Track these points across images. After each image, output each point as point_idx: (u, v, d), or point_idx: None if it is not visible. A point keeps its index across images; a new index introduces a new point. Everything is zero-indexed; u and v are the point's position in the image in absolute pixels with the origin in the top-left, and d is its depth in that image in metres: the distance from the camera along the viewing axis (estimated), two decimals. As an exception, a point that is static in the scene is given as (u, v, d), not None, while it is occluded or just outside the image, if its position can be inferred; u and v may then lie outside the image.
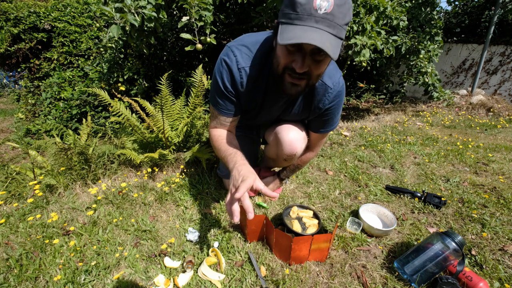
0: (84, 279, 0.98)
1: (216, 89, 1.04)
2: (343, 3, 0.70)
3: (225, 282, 0.98)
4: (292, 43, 0.71)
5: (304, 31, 0.71)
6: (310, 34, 0.70)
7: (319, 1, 0.68)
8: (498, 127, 3.17)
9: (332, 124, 1.16)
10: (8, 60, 4.71)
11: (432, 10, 3.59)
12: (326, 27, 0.71)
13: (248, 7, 2.79)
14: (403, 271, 1.00)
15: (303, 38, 0.70)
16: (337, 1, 0.69)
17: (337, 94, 1.04)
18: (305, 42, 0.69)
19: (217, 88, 1.03)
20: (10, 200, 1.55)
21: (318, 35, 0.70)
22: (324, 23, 0.71)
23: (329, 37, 0.71)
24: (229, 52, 0.96)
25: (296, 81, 0.85)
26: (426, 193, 1.48)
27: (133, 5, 1.66)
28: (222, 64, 0.97)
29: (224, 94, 1.03)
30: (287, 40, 0.71)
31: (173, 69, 3.35)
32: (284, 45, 0.78)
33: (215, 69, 1.01)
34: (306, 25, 0.71)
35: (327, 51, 0.70)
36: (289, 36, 0.71)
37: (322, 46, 0.69)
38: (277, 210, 1.39)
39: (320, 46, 0.69)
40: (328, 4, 0.69)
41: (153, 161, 1.73)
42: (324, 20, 0.70)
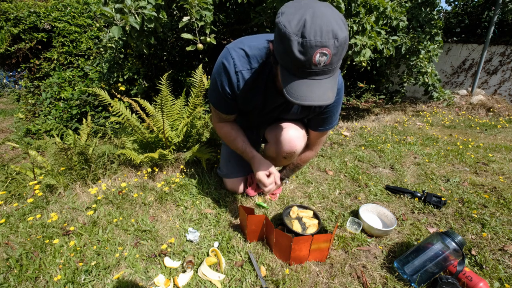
0: (84, 279, 0.98)
1: (214, 90, 1.07)
2: (339, 49, 0.72)
3: (225, 282, 0.98)
4: (300, 104, 0.77)
5: (307, 88, 0.76)
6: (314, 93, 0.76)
7: (318, 58, 0.71)
8: (498, 127, 3.17)
9: (331, 122, 1.17)
10: (8, 60, 4.71)
11: (432, 10, 3.59)
12: (325, 75, 0.76)
13: (248, 7, 2.79)
14: (403, 271, 1.00)
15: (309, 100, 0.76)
16: (334, 51, 0.71)
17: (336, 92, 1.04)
18: (311, 104, 0.77)
19: (215, 90, 1.06)
20: (10, 200, 1.55)
21: (321, 90, 0.76)
22: (324, 73, 0.75)
23: (329, 83, 0.77)
24: (227, 55, 0.98)
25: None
26: (426, 193, 1.48)
27: (133, 5, 1.66)
28: (220, 66, 1.00)
29: (222, 95, 1.06)
30: (295, 99, 0.77)
31: (173, 69, 3.35)
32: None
33: (214, 71, 1.04)
34: (308, 78, 0.76)
35: (329, 102, 0.77)
36: (296, 95, 0.76)
37: (324, 103, 0.77)
38: (277, 210, 1.39)
39: (323, 104, 0.77)
40: (326, 58, 0.72)
41: (153, 161, 1.73)
42: (323, 71, 0.75)
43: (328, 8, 0.72)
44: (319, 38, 0.68)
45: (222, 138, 1.30)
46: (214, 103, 1.13)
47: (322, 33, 0.68)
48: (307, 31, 0.68)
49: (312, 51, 0.69)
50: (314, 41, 0.68)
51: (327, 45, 0.69)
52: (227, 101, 1.08)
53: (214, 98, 1.11)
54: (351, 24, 2.38)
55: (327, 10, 0.71)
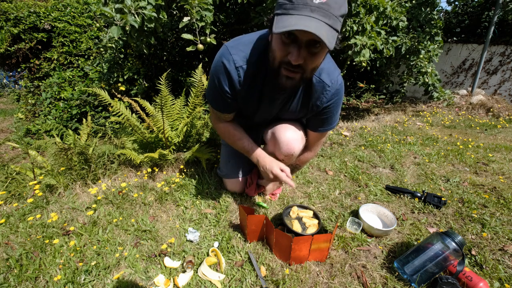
0: (84, 279, 0.98)
1: (212, 88, 1.06)
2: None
3: (225, 282, 0.98)
4: (286, 30, 0.70)
5: (299, 19, 0.70)
6: (305, 22, 0.69)
7: None
8: (498, 127, 3.17)
9: (331, 123, 1.16)
10: (8, 60, 4.70)
11: (432, 10, 3.59)
12: (322, 17, 0.70)
13: (248, 7, 2.79)
14: (403, 271, 1.00)
15: (298, 25, 0.69)
16: None
17: (335, 92, 1.04)
18: (299, 29, 0.69)
19: (213, 88, 1.05)
20: (10, 200, 1.55)
21: (314, 24, 0.69)
22: (320, 12, 0.70)
23: (325, 26, 0.71)
24: (226, 53, 0.96)
25: (291, 74, 0.85)
26: (426, 193, 1.48)
27: (133, 5, 1.66)
28: (219, 65, 0.98)
29: (220, 93, 1.04)
30: (282, 28, 0.70)
31: (173, 69, 3.35)
32: (279, 37, 0.78)
33: (212, 70, 1.02)
34: (301, 14, 0.70)
35: (323, 38, 0.69)
36: (284, 25, 0.70)
37: (318, 34, 0.68)
38: (277, 210, 1.39)
39: (316, 34, 0.68)
40: None
41: (153, 161, 1.73)
42: (319, 10, 0.70)
43: None
44: None
45: (225, 139, 1.29)
46: (211, 102, 1.11)
47: None
48: None
49: None
50: None
51: None
52: (225, 99, 1.06)
53: (211, 97, 1.10)
54: (351, 24, 2.38)
55: None
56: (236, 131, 1.22)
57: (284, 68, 0.84)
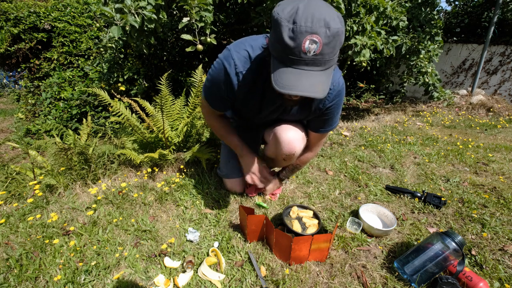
0: (84, 279, 0.98)
1: (211, 88, 1.07)
2: (331, 39, 0.70)
3: (225, 282, 0.98)
4: (285, 93, 0.75)
5: (295, 77, 0.74)
6: (301, 83, 0.73)
7: (307, 44, 0.70)
8: (498, 127, 3.17)
9: (332, 124, 1.16)
10: (8, 60, 4.70)
11: (432, 10, 3.59)
12: (316, 67, 0.74)
13: (248, 7, 2.79)
14: (403, 271, 1.00)
15: (295, 89, 0.74)
16: (325, 40, 0.69)
17: (337, 93, 1.05)
18: (296, 94, 0.74)
19: (212, 88, 1.06)
20: (10, 200, 1.55)
21: (309, 82, 0.74)
22: (314, 64, 0.73)
23: (320, 76, 0.75)
24: (228, 56, 0.97)
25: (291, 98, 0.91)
26: (426, 193, 1.48)
27: (133, 5, 1.66)
28: (221, 67, 0.99)
29: (218, 95, 1.06)
30: (280, 88, 0.75)
31: (173, 69, 3.35)
32: None
33: (213, 71, 1.02)
34: (297, 68, 0.74)
35: (318, 96, 0.74)
36: (282, 84, 0.75)
37: (312, 95, 0.74)
38: (277, 210, 1.39)
39: (311, 96, 0.74)
40: (316, 46, 0.70)
41: (153, 161, 1.73)
42: (314, 61, 0.73)
43: (324, 3, 0.73)
44: (309, 24, 0.68)
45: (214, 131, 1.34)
46: (208, 99, 1.12)
47: (313, 20, 0.68)
48: (299, 17, 0.68)
49: (301, 37, 0.69)
50: (305, 26, 0.68)
51: (317, 32, 0.68)
52: (221, 100, 1.08)
53: (209, 95, 1.11)
54: (351, 24, 2.38)
55: (322, 4, 0.72)
56: (227, 126, 1.27)
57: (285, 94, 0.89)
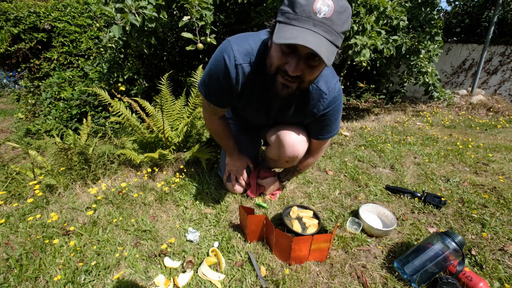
0: (84, 279, 0.98)
1: (209, 81, 1.03)
2: (343, 10, 0.69)
3: (225, 282, 0.98)
4: (287, 43, 0.69)
5: (300, 32, 0.69)
6: (306, 36, 0.69)
7: (320, 4, 0.67)
8: (498, 127, 3.17)
9: (331, 131, 1.14)
10: (8, 60, 4.71)
11: (432, 10, 3.59)
12: (324, 32, 0.70)
13: (248, 7, 2.79)
14: (403, 271, 1.00)
15: (299, 39, 0.68)
16: (337, 7, 0.68)
17: (332, 99, 1.02)
18: (300, 44, 0.68)
19: (210, 81, 1.03)
20: (10, 200, 1.55)
21: (315, 39, 0.69)
22: (322, 27, 0.69)
23: (325, 42, 0.70)
24: (228, 48, 0.94)
25: (287, 82, 0.84)
26: (426, 193, 1.48)
27: (134, 5, 1.66)
28: (219, 59, 0.96)
29: (217, 87, 1.02)
30: (282, 39, 0.69)
31: (173, 69, 3.35)
32: (279, 46, 0.77)
33: (211, 63, 0.99)
34: (304, 27, 0.69)
35: (322, 56, 0.69)
36: (285, 36, 0.70)
37: (317, 50, 0.68)
38: (277, 210, 1.39)
39: (315, 50, 0.68)
40: (328, 9, 0.68)
41: (153, 161, 1.73)
42: (322, 25, 0.69)
43: None
44: None
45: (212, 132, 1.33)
46: (206, 94, 1.08)
47: None
48: None
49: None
50: None
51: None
52: (220, 93, 1.04)
53: (207, 89, 1.06)
54: (351, 24, 2.38)
55: None
56: (225, 129, 1.29)
57: (281, 75, 0.83)
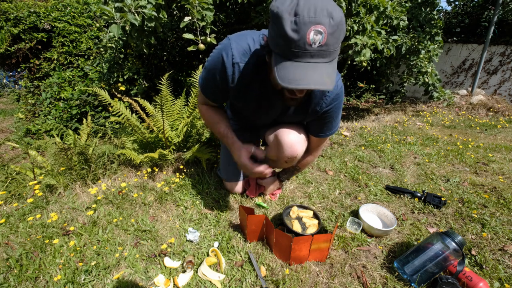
0: (84, 279, 0.98)
1: (206, 77, 1.05)
2: (335, 29, 0.69)
3: (225, 282, 0.98)
4: (292, 88, 0.72)
5: (302, 71, 0.71)
6: (308, 75, 0.70)
7: (312, 35, 0.67)
8: (498, 127, 3.17)
9: (331, 129, 1.15)
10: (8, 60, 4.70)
11: (432, 10, 3.59)
12: (322, 59, 0.71)
13: (248, 7, 2.79)
14: (403, 271, 1.00)
15: (302, 82, 0.71)
16: (329, 29, 0.68)
17: (335, 97, 1.03)
18: (305, 88, 0.71)
19: (207, 77, 1.04)
20: (10, 200, 1.55)
21: (316, 74, 0.71)
22: (320, 55, 0.71)
23: (327, 69, 0.72)
24: (227, 46, 0.95)
25: (295, 96, 0.88)
26: (426, 193, 1.48)
27: (133, 4, 1.66)
28: (218, 56, 0.96)
29: (213, 84, 1.04)
30: (286, 83, 0.72)
31: (173, 69, 3.35)
32: None
33: (210, 60, 1.00)
34: (302, 61, 0.71)
35: (327, 88, 0.71)
36: (289, 79, 0.71)
37: (321, 87, 0.71)
38: (277, 210, 1.39)
39: (320, 88, 0.71)
40: (321, 37, 0.68)
41: (153, 161, 1.73)
42: (319, 53, 0.70)
43: None
44: (313, 15, 0.66)
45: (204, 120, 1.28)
46: (202, 88, 1.10)
47: (316, 10, 0.66)
48: (300, 9, 0.67)
49: (306, 28, 0.66)
50: (308, 17, 0.66)
51: (322, 22, 0.66)
52: (216, 90, 1.06)
53: (204, 84, 1.08)
54: (351, 24, 2.38)
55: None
56: (216, 115, 1.21)
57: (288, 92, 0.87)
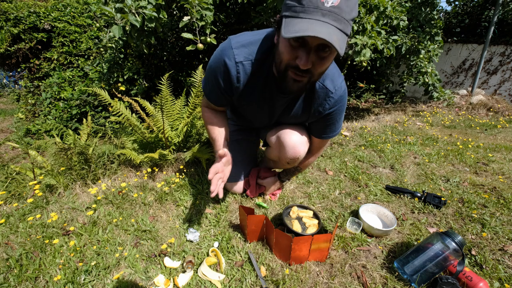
0: (84, 279, 0.98)
1: (209, 79, 1.04)
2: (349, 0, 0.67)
3: (225, 282, 0.98)
4: (298, 36, 0.66)
5: (310, 24, 0.66)
6: (316, 27, 0.66)
7: None
8: (498, 127, 3.17)
9: (334, 130, 1.14)
10: (8, 60, 4.71)
11: (432, 10, 3.59)
12: (333, 21, 0.67)
13: (248, 7, 2.79)
14: (403, 271, 1.00)
15: (309, 31, 0.66)
16: None
17: (338, 99, 1.02)
18: (311, 35, 0.65)
19: (210, 80, 1.03)
20: (10, 200, 1.55)
21: (325, 29, 0.66)
22: (331, 16, 0.67)
23: (336, 31, 0.68)
24: (228, 46, 0.94)
25: (298, 77, 0.82)
26: (426, 193, 1.48)
27: (134, 5, 1.66)
28: (220, 58, 0.95)
29: (216, 87, 1.03)
30: (292, 33, 0.67)
31: (173, 69, 3.35)
32: (288, 40, 0.75)
33: (212, 62, 0.99)
34: (312, 18, 0.67)
35: (335, 45, 0.66)
36: (295, 29, 0.67)
37: (329, 40, 0.65)
38: (277, 210, 1.39)
39: (327, 40, 0.65)
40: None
41: (153, 161, 1.73)
42: (331, 14, 0.67)
43: None
44: None
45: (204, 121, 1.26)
46: (205, 91, 1.10)
47: None
48: None
49: None
50: None
51: None
52: (219, 92, 1.05)
53: (206, 87, 1.08)
54: (351, 24, 2.38)
55: None
56: (215, 118, 1.18)
57: (291, 71, 0.82)
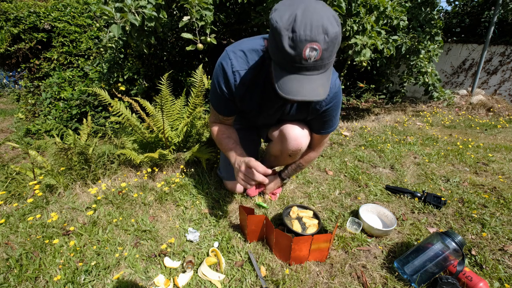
0: (84, 279, 0.98)
1: (213, 90, 1.10)
2: (329, 45, 0.71)
3: (225, 282, 0.98)
4: (292, 99, 0.77)
5: (298, 84, 0.76)
6: (304, 88, 0.76)
7: (308, 52, 0.71)
8: (498, 127, 3.17)
9: (332, 126, 1.19)
10: (8, 60, 4.71)
11: (432, 10, 3.59)
12: (316, 71, 0.76)
13: (248, 7, 2.79)
14: (403, 271, 1.00)
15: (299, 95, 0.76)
16: (324, 46, 0.70)
17: (333, 95, 1.06)
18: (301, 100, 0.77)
19: (214, 90, 1.10)
20: (10, 200, 1.55)
21: (312, 86, 0.76)
22: (315, 68, 0.75)
23: (321, 79, 0.77)
24: (225, 57, 1.01)
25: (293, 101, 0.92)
26: (426, 193, 1.48)
27: (133, 4, 1.66)
28: (219, 67, 1.03)
29: (220, 96, 1.08)
30: (285, 93, 0.77)
31: (173, 69, 3.35)
32: None
33: (214, 73, 1.07)
34: (299, 74, 0.76)
35: (320, 98, 0.77)
36: (287, 90, 0.77)
37: (316, 98, 0.76)
38: (277, 210, 1.39)
39: (314, 99, 0.77)
40: (316, 53, 0.71)
41: (153, 161, 1.73)
42: (314, 67, 0.75)
43: (320, 4, 0.73)
44: (308, 33, 0.69)
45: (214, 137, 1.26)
46: (214, 105, 1.16)
47: (312, 27, 0.69)
48: (297, 25, 0.69)
49: (302, 45, 0.70)
50: (304, 35, 0.69)
51: (317, 40, 0.69)
52: (225, 102, 1.10)
53: (213, 100, 1.14)
54: (351, 24, 2.38)
55: (318, 6, 0.72)
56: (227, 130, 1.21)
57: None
